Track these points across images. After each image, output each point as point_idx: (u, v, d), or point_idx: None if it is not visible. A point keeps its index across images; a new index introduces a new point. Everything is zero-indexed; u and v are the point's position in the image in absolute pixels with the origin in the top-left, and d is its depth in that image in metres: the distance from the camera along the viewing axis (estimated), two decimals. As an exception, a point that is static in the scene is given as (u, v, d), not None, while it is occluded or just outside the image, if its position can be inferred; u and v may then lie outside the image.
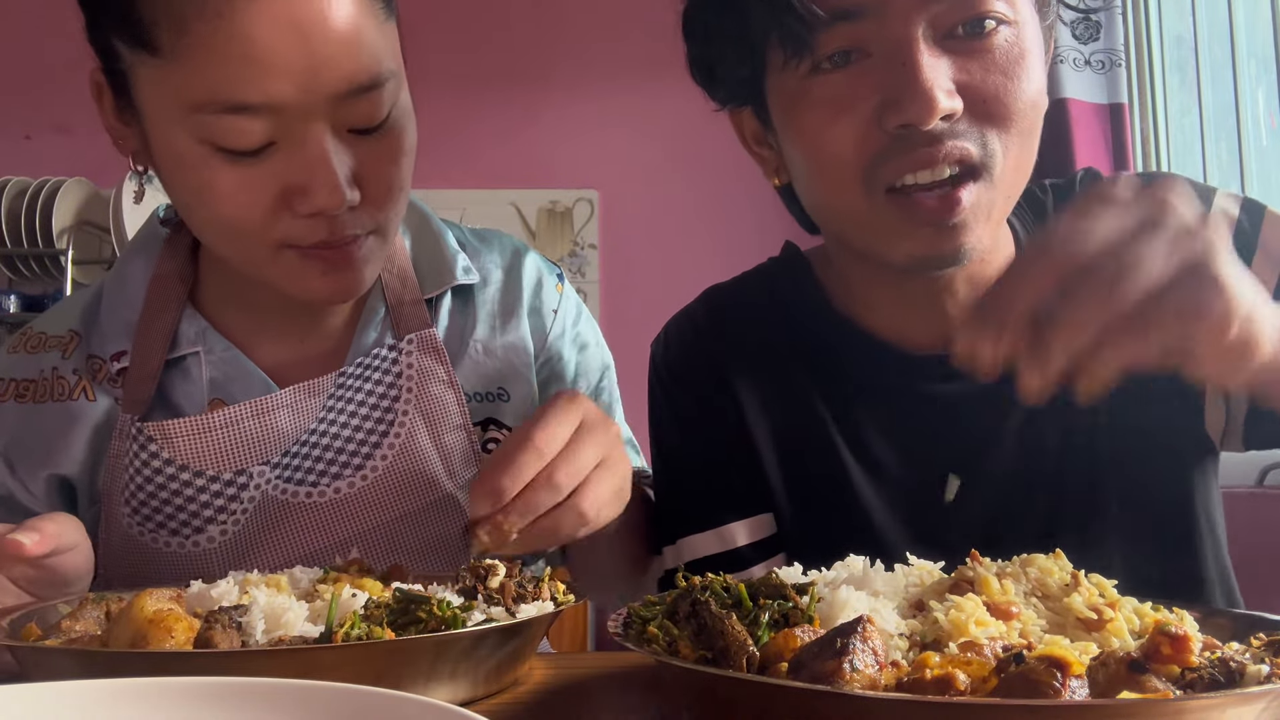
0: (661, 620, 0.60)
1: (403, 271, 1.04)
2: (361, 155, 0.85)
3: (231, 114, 0.79)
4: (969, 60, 0.79)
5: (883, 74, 0.79)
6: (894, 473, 0.93)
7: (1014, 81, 0.79)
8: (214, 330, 0.99)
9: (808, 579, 0.66)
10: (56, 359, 1.00)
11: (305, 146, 0.81)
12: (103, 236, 3.21)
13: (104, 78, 0.87)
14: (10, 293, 3.23)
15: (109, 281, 1.04)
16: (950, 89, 0.78)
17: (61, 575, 0.79)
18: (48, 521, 0.77)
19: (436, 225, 1.08)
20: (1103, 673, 0.49)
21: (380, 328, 1.02)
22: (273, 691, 0.47)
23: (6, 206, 3.11)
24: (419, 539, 0.98)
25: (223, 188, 0.82)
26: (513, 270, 1.10)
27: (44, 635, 0.68)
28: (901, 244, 0.82)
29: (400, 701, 0.46)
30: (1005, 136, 0.80)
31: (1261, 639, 0.56)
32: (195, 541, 0.95)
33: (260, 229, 0.84)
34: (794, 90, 0.84)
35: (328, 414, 0.98)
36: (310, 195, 0.82)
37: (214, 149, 0.81)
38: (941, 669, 0.49)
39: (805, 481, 0.95)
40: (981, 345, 0.59)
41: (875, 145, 0.80)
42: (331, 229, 0.85)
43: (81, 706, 0.47)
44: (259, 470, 0.96)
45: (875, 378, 0.94)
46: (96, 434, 0.97)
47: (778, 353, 0.98)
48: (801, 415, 0.95)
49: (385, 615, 0.65)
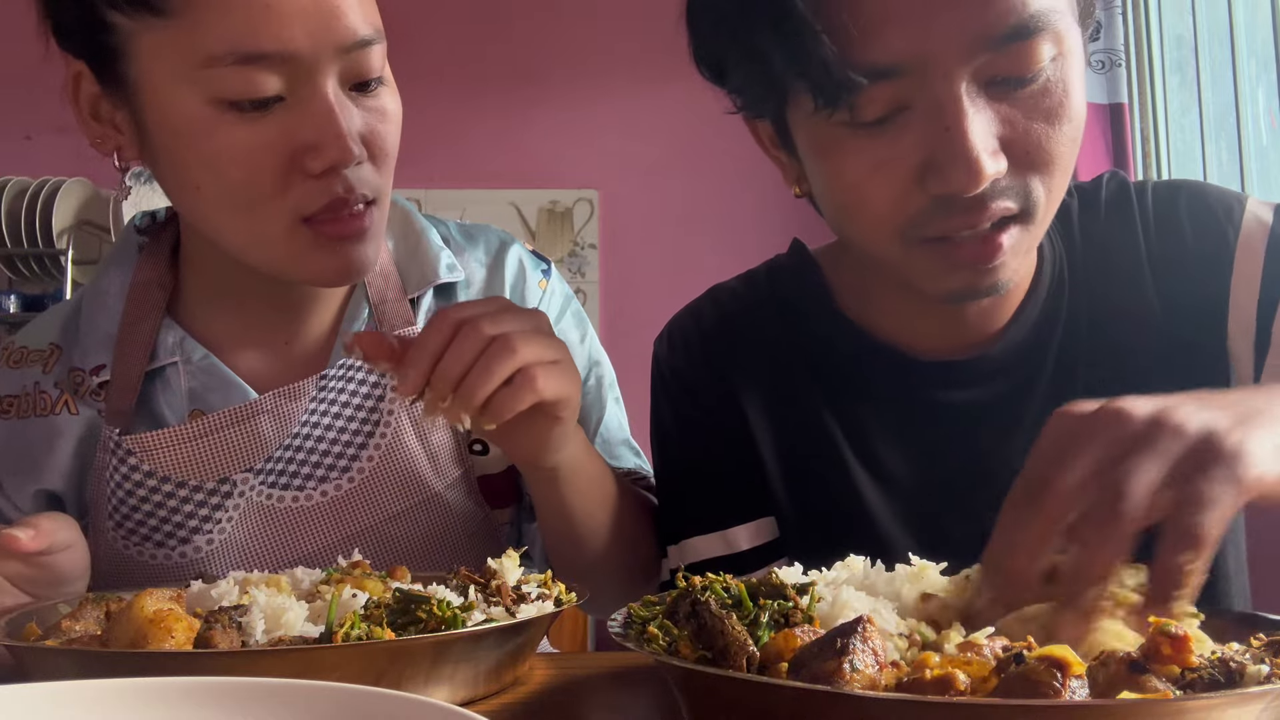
0: (661, 620, 0.60)
1: (385, 270, 1.03)
2: (361, 115, 0.86)
3: (245, 65, 0.79)
4: (1013, 108, 0.74)
5: (924, 132, 0.74)
6: (899, 478, 0.92)
7: (1059, 126, 0.75)
8: (191, 339, 0.98)
9: (807, 579, 0.66)
10: (38, 374, 0.99)
11: (314, 100, 0.82)
12: (103, 236, 3.22)
13: (84, 67, 0.86)
14: (10, 293, 3.23)
15: (87, 293, 1.03)
16: (995, 148, 0.73)
17: (58, 574, 0.79)
18: (43, 519, 0.77)
19: (420, 223, 1.07)
20: (1102, 673, 0.49)
21: (364, 329, 1.01)
22: (273, 691, 0.47)
23: (6, 206, 3.11)
24: (409, 539, 0.98)
25: (235, 149, 0.82)
26: (496, 266, 1.08)
27: (44, 635, 0.68)
28: (939, 283, 0.80)
29: (400, 701, 0.46)
30: (1048, 180, 0.77)
31: (1261, 639, 0.56)
32: (182, 553, 0.94)
33: (272, 195, 0.83)
34: (825, 136, 0.78)
35: (311, 417, 0.97)
36: (321, 150, 0.82)
37: (225, 108, 0.81)
38: (941, 669, 0.49)
39: (808, 485, 0.94)
40: (999, 605, 0.59)
41: (915, 206, 0.76)
42: (344, 187, 0.85)
43: (81, 706, 0.47)
44: (242, 478, 0.95)
45: (882, 383, 0.92)
46: (80, 447, 0.97)
47: (783, 354, 0.97)
48: (805, 418, 0.94)
49: (385, 615, 0.65)
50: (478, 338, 0.77)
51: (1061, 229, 0.94)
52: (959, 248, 0.77)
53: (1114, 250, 0.91)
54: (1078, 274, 0.92)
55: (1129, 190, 0.94)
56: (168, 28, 0.79)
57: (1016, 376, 0.90)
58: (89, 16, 0.83)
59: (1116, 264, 0.91)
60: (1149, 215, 0.92)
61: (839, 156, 0.78)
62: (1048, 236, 0.92)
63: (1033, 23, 0.72)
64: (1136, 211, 0.92)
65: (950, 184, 0.73)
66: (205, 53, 0.79)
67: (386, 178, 0.90)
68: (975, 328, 0.90)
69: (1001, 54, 0.73)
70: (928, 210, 0.76)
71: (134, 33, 0.81)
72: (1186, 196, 0.92)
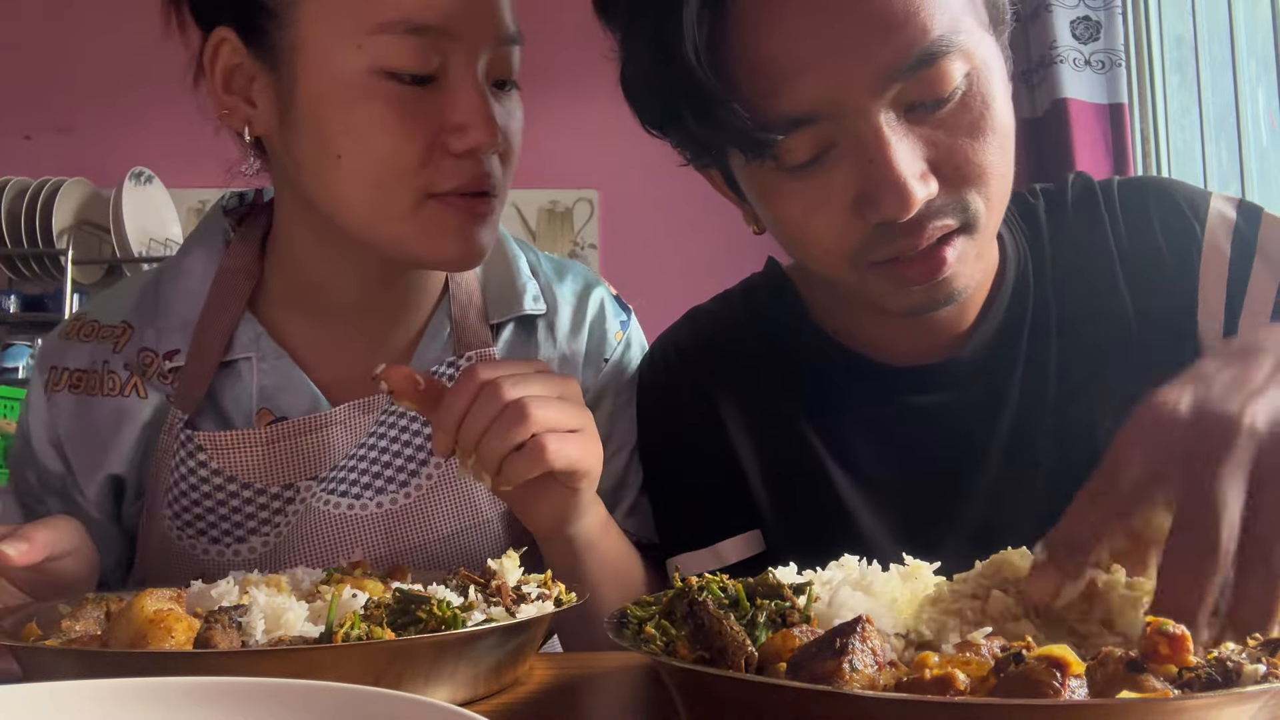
0: (659, 620, 0.60)
1: (470, 290, 1.03)
2: (497, 109, 0.88)
3: (415, 35, 0.82)
4: (935, 129, 0.76)
5: (853, 167, 0.76)
6: (881, 483, 0.93)
7: (983, 139, 0.77)
8: (268, 337, 0.97)
9: (804, 579, 0.66)
10: (108, 352, 0.98)
11: (467, 83, 0.85)
12: (102, 236, 3.22)
13: (231, 33, 0.87)
14: (10, 293, 3.23)
15: (166, 271, 1.02)
16: (923, 171, 0.75)
17: (60, 580, 0.79)
18: (40, 529, 0.77)
19: (512, 250, 1.06)
20: (1101, 672, 0.49)
21: (443, 348, 1.00)
22: (273, 691, 0.47)
23: (6, 206, 3.12)
24: (455, 560, 0.97)
25: (388, 118, 0.83)
26: (579, 309, 1.06)
27: (44, 635, 0.68)
28: (896, 301, 0.83)
29: (400, 701, 0.46)
30: (984, 189, 0.78)
31: (1258, 638, 0.56)
32: (236, 551, 0.94)
33: (411, 170, 0.85)
34: (762, 182, 0.82)
35: (379, 428, 0.96)
36: (467, 131, 0.84)
37: (385, 77, 0.83)
38: (941, 669, 0.49)
39: (793, 496, 0.95)
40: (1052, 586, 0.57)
41: (857, 235, 0.78)
42: (476, 172, 0.86)
43: (81, 706, 0.47)
44: (306, 485, 0.95)
45: (858, 391, 0.94)
46: (146, 431, 0.96)
47: (761, 370, 0.98)
48: (786, 431, 0.95)
49: (385, 615, 0.65)
50: (496, 401, 0.77)
51: (1028, 231, 0.95)
52: (907, 266, 0.79)
53: (1084, 249, 0.93)
54: (1045, 274, 0.93)
55: (1094, 190, 0.95)
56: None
57: (988, 376, 0.92)
58: None
59: (1087, 263, 0.92)
60: (1117, 213, 0.93)
61: (778, 199, 0.81)
62: (1010, 237, 0.94)
63: (936, 47, 0.74)
64: (1104, 210, 0.94)
65: (884, 212, 0.75)
66: (378, 19, 0.82)
67: (509, 177, 0.92)
68: (942, 332, 0.92)
69: (913, 81, 0.74)
70: (870, 238, 0.78)
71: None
72: (1154, 194, 0.93)
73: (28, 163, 3.31)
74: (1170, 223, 0.91)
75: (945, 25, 0.74)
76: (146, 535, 0.96)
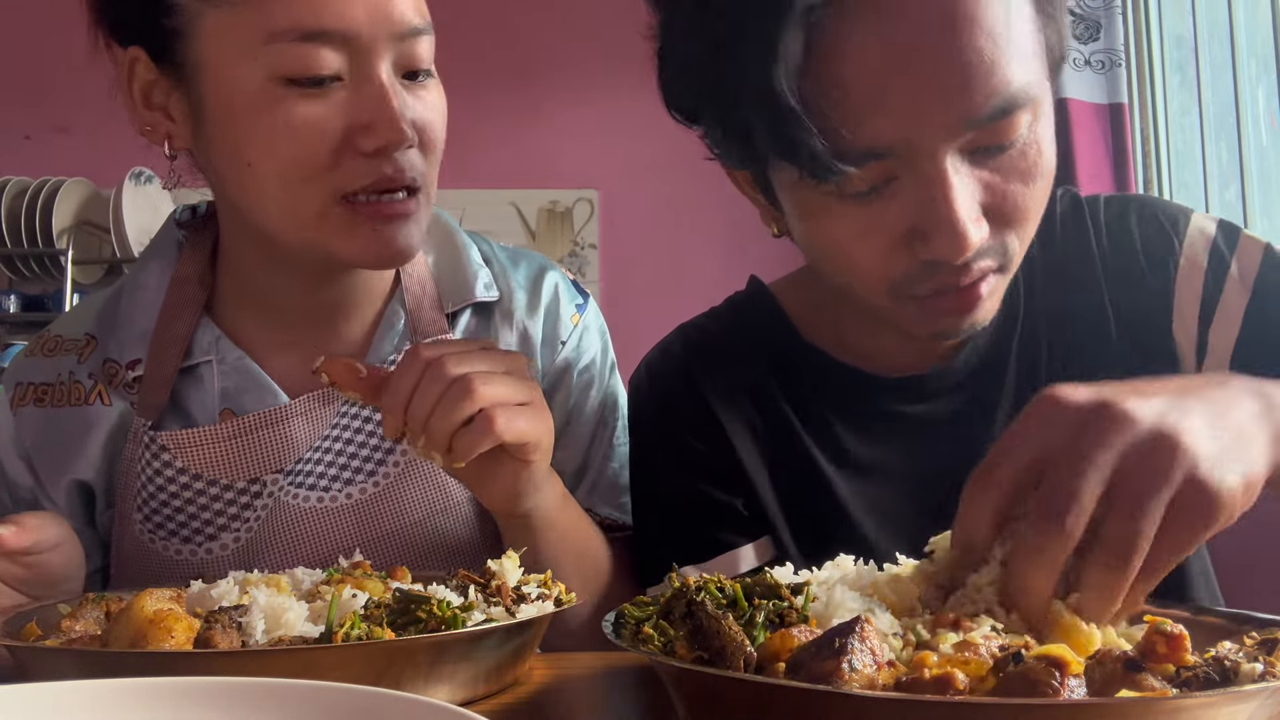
0: (657, 620, 0.60)
1: (423, 281, 1.04)
2: (412, 103, 0.88)
3: (307, 42, 0.83)
4: (993, 174, 0.77)
5: (911, 202, 0.76)
6: (882, 490, 0.93)
7: (1034, 184, 0.78)
8: (227, 339, 0.99)
9: (801, 578, 0.66)
10: (73, 363, 1.00)
11: (370, 82, 0.85)
12: (103, 236, 3.21)
13: (141, 53, 0.88)
14: (10, 293, 3.23)
15: (126, 285, 1.04)
16: (978, 216, 0.76)
17: (48, 573, 0.80)
18: (29, 516, 0.79)
19: (461, 239, 1.07)
20: (1099, 672, 0.50)
21: (400, 338, 1.01)
22: (273, 691, 0.47)
23: (6, 206, 3.11)
24: (431, 545, 0.98)
25: (292, 125, 0.84)
26: (534, 294, 1.07)
27: (44, 635, 0.68)
28: (924, 327, 0.84)
29: (400, 701, 0.46)
30: (1023, 232, 0.80)
31: (1255, 637, 0.56)
32: (208, 549, 0.95)
33: (322, 171, 0.85)
34: (810, 201, 0.80)
35: (341, 419, 0.98)
36: (375, 129, 0.85)
37: (285, 84, 0.83)
38: (940, 668, 0.49)
39: (801, 504, 0.95)
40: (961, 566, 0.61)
41: (902, 269, 0.79)
42: (392, 168, 0.87)
43: (81, 706, 0.48)
44: (272, 478, 0.96)
45: (854, 402, 0.95)
46: (112, 438, 0.97)
47: (755, 381, 0.98)
48: (786, 439, 0.96)
49: (385, 615, 0.65)
50: (441, 379, 0.78)
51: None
52: (943, 300, 0.80)
53: (1070, 262, 0.95)
54: (1035, 286, 0.95)
55: (1082, 205, 0.97)
56: (234, 5, 0.82)
57: (980, 385, 0.93)
58: (149, 6, 0.86)
59: (1073, 275, 0.94)
60: (1102, 228, 0.95)
61: (826, 220, 0.81)
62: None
63: (1014, 101, 0.75)
64: (1090, 225, 0.95)
65: (937, 252, 0.76)
66: (269, 29, 0.82)
67: (433, 168, 0.92)
68: (934, 345, 0.93)
69: (985, 130, 0.75)
70: (915, 272, 0.79)
71: (198, 13, 0.84)
72: (1136, 209, 0.95)
73: (28, 163, 3.31)
74: (1150, 237, 0.93)
75: (1024, 78, 0.75)
76: (119, 540, 0.97)
